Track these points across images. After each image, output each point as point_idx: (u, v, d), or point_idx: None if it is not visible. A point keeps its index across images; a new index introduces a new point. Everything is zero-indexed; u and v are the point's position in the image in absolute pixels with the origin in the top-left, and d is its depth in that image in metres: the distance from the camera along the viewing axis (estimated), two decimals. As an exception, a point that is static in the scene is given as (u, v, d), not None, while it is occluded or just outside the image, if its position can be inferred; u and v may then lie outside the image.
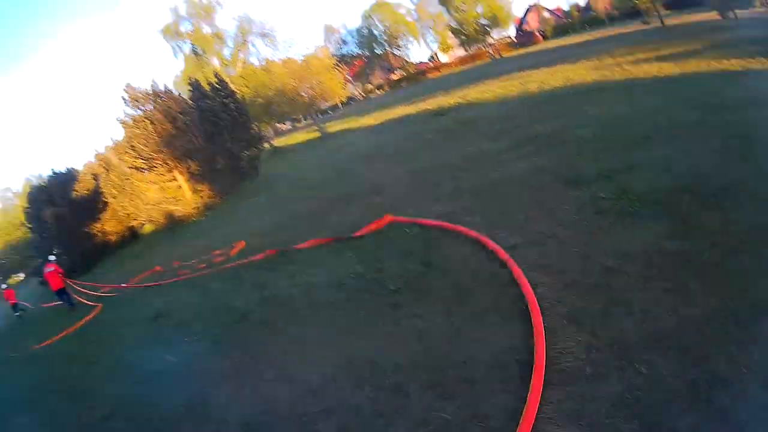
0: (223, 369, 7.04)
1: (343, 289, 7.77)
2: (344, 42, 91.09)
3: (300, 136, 49.89)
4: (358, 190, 14.66)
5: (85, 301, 18.84)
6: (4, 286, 35.04)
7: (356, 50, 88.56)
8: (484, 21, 67.55)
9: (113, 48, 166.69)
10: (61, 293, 19.78)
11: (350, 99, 78.39)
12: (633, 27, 43.47)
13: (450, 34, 78.53)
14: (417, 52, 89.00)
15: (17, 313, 26.66)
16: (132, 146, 27.27)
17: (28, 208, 39.64)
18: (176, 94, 30.16)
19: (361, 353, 5.78)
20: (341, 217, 12.29)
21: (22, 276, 76.21)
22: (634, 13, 48.93)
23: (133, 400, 7.45)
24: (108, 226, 32.53)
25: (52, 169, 38.11)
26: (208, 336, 8.54)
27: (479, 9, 69.64)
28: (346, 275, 8.18)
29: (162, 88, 28.35)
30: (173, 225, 26.18)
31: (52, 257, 22.33)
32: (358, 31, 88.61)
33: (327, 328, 6.87)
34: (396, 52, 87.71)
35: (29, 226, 40.54)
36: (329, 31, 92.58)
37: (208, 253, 15.64)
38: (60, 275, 19.62)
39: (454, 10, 70.02)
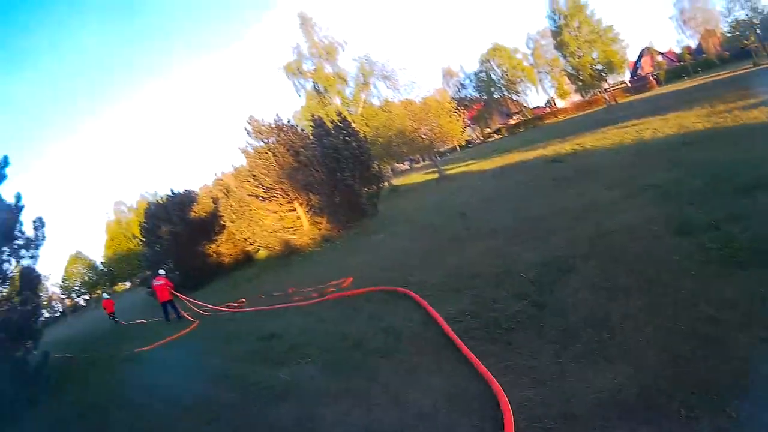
0: (334, 390, 7.41)
1: (457, 325, 7.96)
2: (463, 86, 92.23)
3: (418, 177, 50.41)
4: (474, 233, 14.78)
5: (188, 317, 19.88)
6: (105, 295, 37.61)
7: (474, 94, 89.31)
8: (599, 66, 66.71)
9: (236, 79, 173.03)
10: (166, 305, 21.37)
11: (469, 142, 78.65)
12: (744, 69, 43.46)
13: (566, 79, 78.07)
14: (534, 97, 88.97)
15: (114, 320, 32.03)
16: (253, 175, 28.27)
17: (144, 223, 41.49)
18: (299, 128, 31.19)
19: (471, 386, 6.05)
20: (457, 258, 12.40)
21: (128, 285, 79.86)
22: (744, 54, 47.70)
23: (240, 409, 7.97)
24: (223, 247, 34.08)
25: (171, 189, 39.86)
26: (321, 359, 8.89)
27: (594, 54, 68.92)
28: (462, 312, 8.43)
29: (284, 122, 29.44)
30: (289, 253, 26.83)
31: (161, 271, 23.82)
32: (476, 75, 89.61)
33: (440, 359, 7.13)
34: (514, 96, 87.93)
35: (143, 239, 42.38)
36: (448, 74, 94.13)
37: (323, 282, 15.88)
38: (168, 288, 21.40)
39: (570, 55, 69.40)
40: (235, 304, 19.36)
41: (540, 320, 7.14)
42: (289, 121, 29.78)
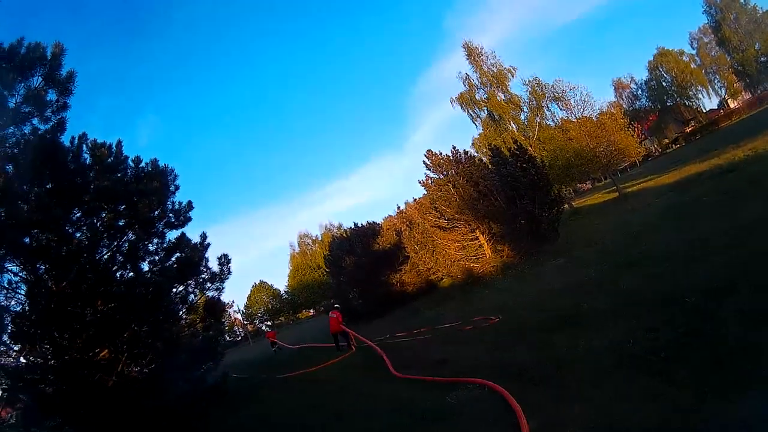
0: (490, 412, 8.00)
1: (617, 354, 8.12)
2: (636, 97, 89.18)
3: (599, 197, 49.51)
4: (646, 257, 14.68)
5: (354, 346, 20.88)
6: (266, 328, 40.82)
7: (648, 104, 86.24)
8: (764, 58, 62.70)
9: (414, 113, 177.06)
10: (336, 335, 22.98)
11: (647, 155, 75.85)
12: None
13: (734, 77, 74.10)
14: (707, 101, 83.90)
15: (274, 349, 35.41)
16: (435, 207, 29.35)
17: (328, 255, 43.61)
18: (476, 158, 31.88)
19: (621, 417, 6.19)
20: (628, 283, 12.46)
21: (311, 312, 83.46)
22: None
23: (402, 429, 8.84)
24: (407, 277, 34.93)
25: (354, 223, 41.62)
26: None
27: (757, 46, 65.18)
28: (624, 341, 8.51)
29: (462, 152, 30.17)
30: (472, 281, 27.50)
31: (336, 305, 25.85)
32: (647, 83, 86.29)
33: (596, 389, 7.28)
34: (686, 102, 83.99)
35: (327, 270, 44.46)
36: (618, 86, 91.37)
37: (502, 310, 16.47)
38: (339, 322, 22.89)
39: (733, 50, 65.97)
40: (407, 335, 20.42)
41: (693, 349, 7.19)
42: (466, 152, 30.47)
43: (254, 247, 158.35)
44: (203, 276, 19.11)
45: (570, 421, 6.61)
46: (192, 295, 18.97)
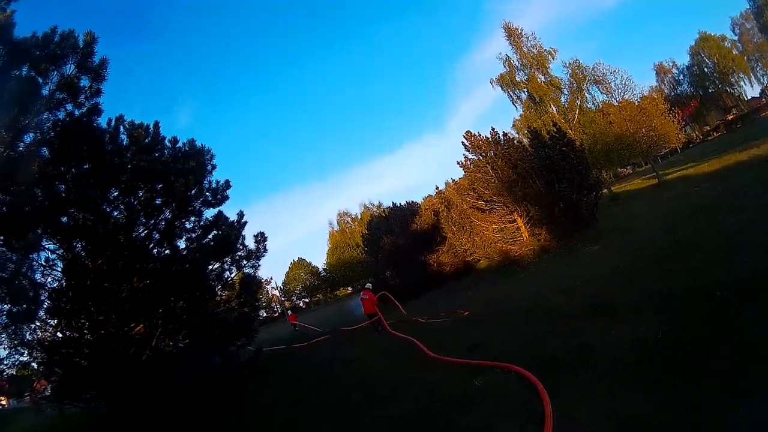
0: (518, 400, 7.87)
1: (647, 348, 7.90)
2: (678, 82, 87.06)
3: (638, 183, 48.75)
4: (682, 248, 14.35)
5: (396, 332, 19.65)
6: (289, 312, 42.83)
7: (690, 90, 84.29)
8: None
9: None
10: (371, 317, 22.42)
11: (689, 143, 74.10)
12: None
13: None
14: (749, 88, 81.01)
15: (296, 329, 37.81)
16: (473, 188, 29.20)
17: (367, 233, 43.66)
18: (515, 140, 31.60)
19: (648, 415, 5.96)
20: (660, 275, 12.25)
21: (349, 290, 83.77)
22: None
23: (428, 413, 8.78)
24: (444, 258, 34.89)
25: (393, 202, 41.62)
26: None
27: None
28: (654, 335, 8.26)
29: (501, 134, 29.91)
30: (508, 263, 27.47)
31: (368, 285, 25.09)
32: (689, 69, 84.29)
33: (624, 383, 7.08)
34: (728, 89, 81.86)
35: (365, 249, 44.57)
36: (660, 71, 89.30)
37: (537, 295, 16.33)
38: (373, 303, 22.44)
39: None
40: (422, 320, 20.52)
41: (723, 347, 6.93)
42: (505, 134, 30.23)
43: (294, 225, 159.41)
44: (239, 253, 19.33)
45: (594, 415, 6.47)
46: (228, 273, 19.23)
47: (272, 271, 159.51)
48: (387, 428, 8.87)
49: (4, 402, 37.12)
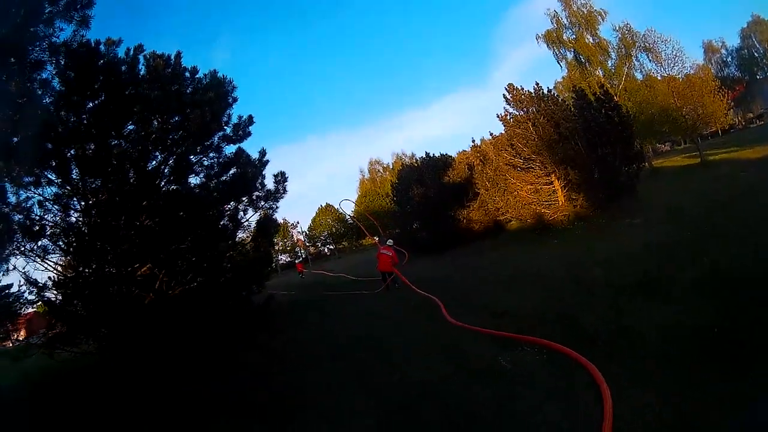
0: (549, 382, 7.10)
1: (693, 334, 7.22)
2: (725, 63, 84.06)
3: (679, 160, 47.62)
4: (728, 230, 13.52)
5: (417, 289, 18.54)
6: (297, 261, 54.66)
7: (737, 73, 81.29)
8: None
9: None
10: (384, 275, 21.97)
11: (730, 127, 71.73)
12: None
13: None
14: None
15: (300, 276, 44.89)
16: (511, 144, 27.89)
17: (396, 183, 42.81)
18: (559, 98, 30.21)
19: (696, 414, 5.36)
20: (710, 256, 11.19)
21: (376, 239, 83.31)
22: None
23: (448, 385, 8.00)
24: (474, 215, 33.87)
25: (426, 152, 40.56)
26: (548, 350, 8.29)
27: None
28: (701, 319, 7.61)
29: (545, 90, 28.48)
30: (540, 228, 26.34)
31: (390, 241, 24.42)
32: (738, 51, 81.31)
33: (669, 371, 6.44)
34: (778, 76, 78.63)
35: (394, 199, 43.79)
36: (709, 50, 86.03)
37: (574, 264, 15.37)
38: (390, 260, 21.52)
39: None
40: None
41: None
42: (549, 90, 28.77)
43: (325, 170, 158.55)
44: (257, 193, 18.55)
45: (643, 407, 5.76)
46: (243, 213, 18.51)
47: (300, 216, 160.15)
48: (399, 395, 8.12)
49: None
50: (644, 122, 41.49)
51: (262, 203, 18.68)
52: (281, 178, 19.06)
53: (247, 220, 18.69)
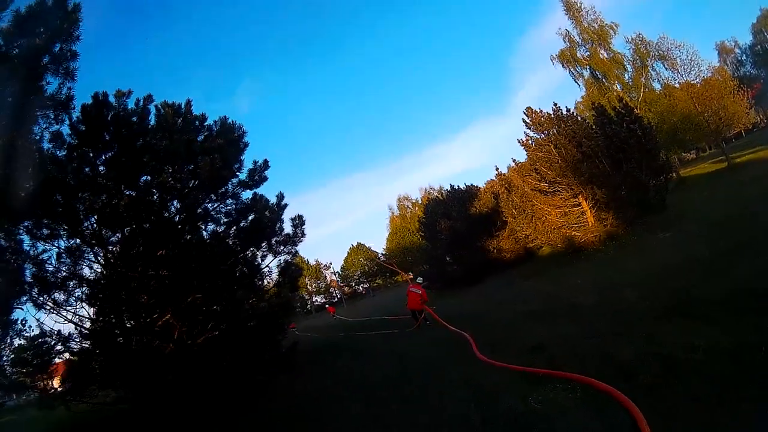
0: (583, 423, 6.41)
1: (740, 360, 6.42)
2: (741, 62, 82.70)
3: (705, 167, 46.75)
4: (760, 236, 12.88)
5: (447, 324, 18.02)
6: (327, 305, 54.14)
7: (753, 71, 79.81)
8: None
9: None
10: (414, 313, 21.79)
11: (753, 126, 70.33)
12: None
13: None
14: None
15: (334, 318, 44.43)
16: (535, 169, 27.35)
17: (423, 218, 42.50)
18: (579, 116, 29.66)
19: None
20: (748, 268, 10.42)
21: (410, 275, 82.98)
22: None
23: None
24: (504, 244, 33.49)
25: (451, 185, 40.29)
26: (582, 387, 7.45)
27: None
28: (747, 344, 6.74)
29: (564, 110, 27.95)
30: (572, 250, 25.72)
31: (419, 280, 24.75)
32: (751, 48, 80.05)
33: (721, 409, 5.54)
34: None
35: (422, 234, 43.48)
36: (723, 51, 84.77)
37: (603, 287, 14.74)
38: (419, 298, 21.42)
39: None
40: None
41: None
42: (568, 110, 28.27)
43: (354, 210, 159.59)
44: (276, 239, 18.23)
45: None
46: (261, 259, 18.20)
47: (332, 256, 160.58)
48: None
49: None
50: (667, 132, 41.16)
51: (281, 248, 18.33)
52: (299, 222, 18.72)
53: (267, 266, 18.33)
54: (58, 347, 14.87)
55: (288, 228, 18.66)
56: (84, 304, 15.39)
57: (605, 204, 25.11)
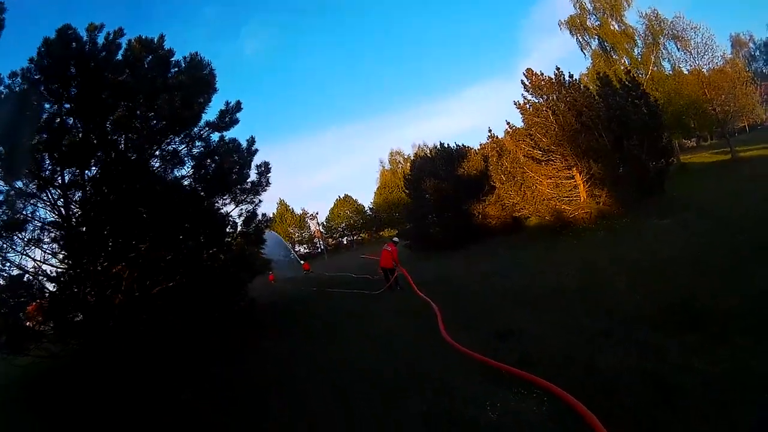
0: None
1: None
2: (753, 58, 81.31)
3: (707, 156, 45.94)
4: None
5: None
6: (302, 262, 52.80)
7: (765, 68, 78.39)
8: None
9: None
10: (385, 271, 21.31)
11: (757, 124, 69.39)
12: None
13: None
14: None
15: (305, 273, 45.16)
16: (530, 134, 26.07)
17: (410, 175, 41.31)
18: (582, 84, 28.27)
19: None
20: (764, 273, 8.98)
21: (395, 232, 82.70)
22: None
23: None
24: (491, 210, 32.26)
25: (440, 142, 39.05)
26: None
27: None
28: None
29: (567, 75, 26.45)
30: (560, 225, 24.62)
31: (395, 239, 24.33)
32: (765, 45, 78.66)
33: None
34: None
35: (406, 191, 42.43)
36: (737, 44, 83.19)
37: (592, 272, 13.59)
38: (391, 258, 21.09)
39: None
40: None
41: None
42: (571, 75, 26.67)
43: (346, 162, 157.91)
44: (241, 185, 17.15)
45: None
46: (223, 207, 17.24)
47: (319, 206, 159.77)
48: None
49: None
50: (672, 114, 39.85)
51: (245, 197, 17.31)
52: (264, 169, 17.83)
53: (229, 215, 17.30)
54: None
55: (253, 176, 17.55)
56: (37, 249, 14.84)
57: (600, 180, 23.96)
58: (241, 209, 17.77)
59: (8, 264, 14.39)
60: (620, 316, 8.97)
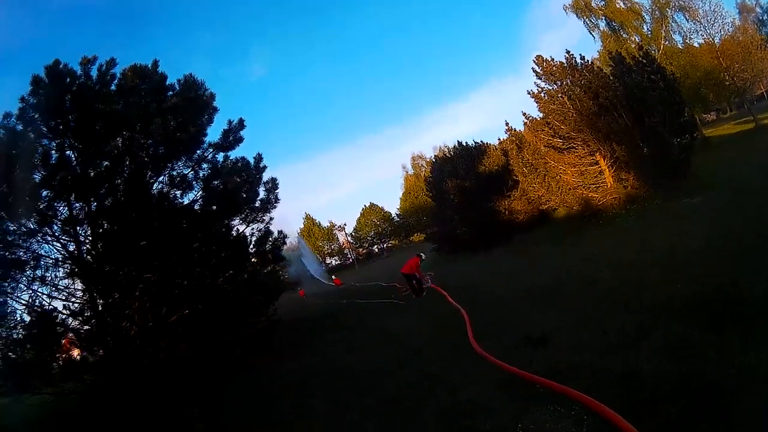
0: None
1: None
2: (762, 23, 79.59)
3: (730, 127, 44.77)
4: None
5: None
6: (333, 277, 53.21)
7: None
8: None
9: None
10: (408, 278, 21.21)
11: None
12: None
13: None
14: None
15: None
16: (547, 122, 25.39)
17: (430, 177, 40.70)
18: (595, 65, 27.38)
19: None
20: None
21: (423, 237, 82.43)
22: None
23: None
24: (516, 204, 31.25)
25: (458, 141, 38.43)
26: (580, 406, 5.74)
27: None
28: None
29: (578, 57, 25.61)
30: (589, 214, 23.87)
31: (422, 254, 23.93)
32: None
33: None
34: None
35: (429, 194, 41.88)
36: (744, 10, 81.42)
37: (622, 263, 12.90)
38: (415, 266, 21.19)
39: None
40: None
41: None
42: (582, 57, 25.81)
43: (369, 172, 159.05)
44: (252, 204, 16.82)
45: None
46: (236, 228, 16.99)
47: (346, 217, 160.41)
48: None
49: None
50: (690, 87, 39.04)
51: (256, 215, 16.99)
52: (272, 185, 17.55)
53: (241, 235, 16.98)
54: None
55: (262, 193, 17.30)
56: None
57: (625, 163, 23.19)
58: (253, 228, 17.55)
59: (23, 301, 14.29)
60: (656, 312, 8.19)
